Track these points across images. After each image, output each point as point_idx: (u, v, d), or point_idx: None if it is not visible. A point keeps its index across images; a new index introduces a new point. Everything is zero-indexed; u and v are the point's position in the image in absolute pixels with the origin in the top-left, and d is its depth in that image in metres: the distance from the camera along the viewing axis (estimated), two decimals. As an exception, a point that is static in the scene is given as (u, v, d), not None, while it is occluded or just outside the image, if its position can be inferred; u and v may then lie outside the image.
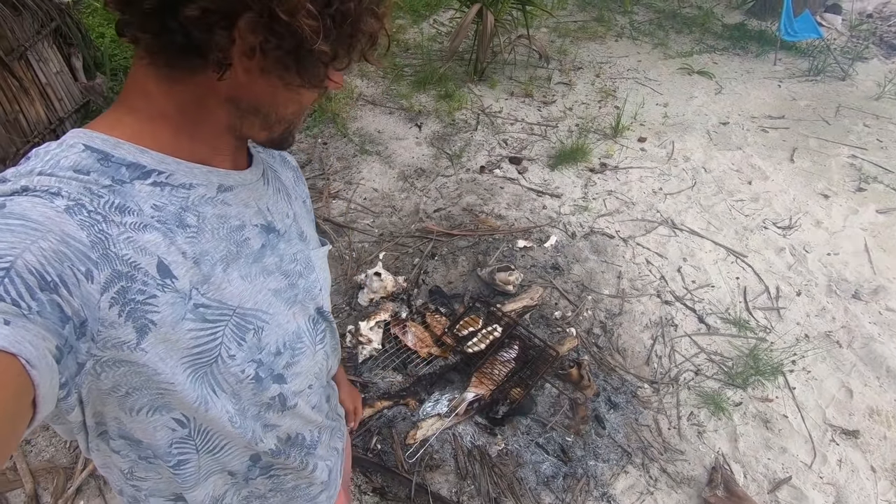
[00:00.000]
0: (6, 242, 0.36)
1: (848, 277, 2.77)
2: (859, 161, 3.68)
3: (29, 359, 0.34)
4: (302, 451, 0.70)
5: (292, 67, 0.47)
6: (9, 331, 0.34)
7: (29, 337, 0.35)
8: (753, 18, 5.78)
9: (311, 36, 0.44)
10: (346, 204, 2.96)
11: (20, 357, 0.33)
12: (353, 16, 0.47)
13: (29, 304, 0.36)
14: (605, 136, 3.74)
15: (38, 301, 0.37)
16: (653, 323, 2.46)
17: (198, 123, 0.52)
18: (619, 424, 2.02)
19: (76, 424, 0.52)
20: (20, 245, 0.37)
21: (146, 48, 0.47)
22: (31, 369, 0.34)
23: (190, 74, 0.48)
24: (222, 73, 0.47)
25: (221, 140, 0.55)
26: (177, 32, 0.44)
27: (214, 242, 0.53)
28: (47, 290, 0.37)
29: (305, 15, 0.43)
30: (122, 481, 0.61)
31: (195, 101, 0.50)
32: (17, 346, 0.34)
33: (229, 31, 0.43)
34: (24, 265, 0.36)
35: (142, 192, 0.48)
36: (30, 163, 0.45)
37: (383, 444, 1.86)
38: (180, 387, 0.50)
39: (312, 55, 0.46)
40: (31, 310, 0.36)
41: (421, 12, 5.20)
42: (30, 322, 0.36)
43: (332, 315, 0.78)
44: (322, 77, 0.50)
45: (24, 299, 0.36)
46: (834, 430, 2.09)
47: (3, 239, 0.37)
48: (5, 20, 2.67)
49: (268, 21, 0.43)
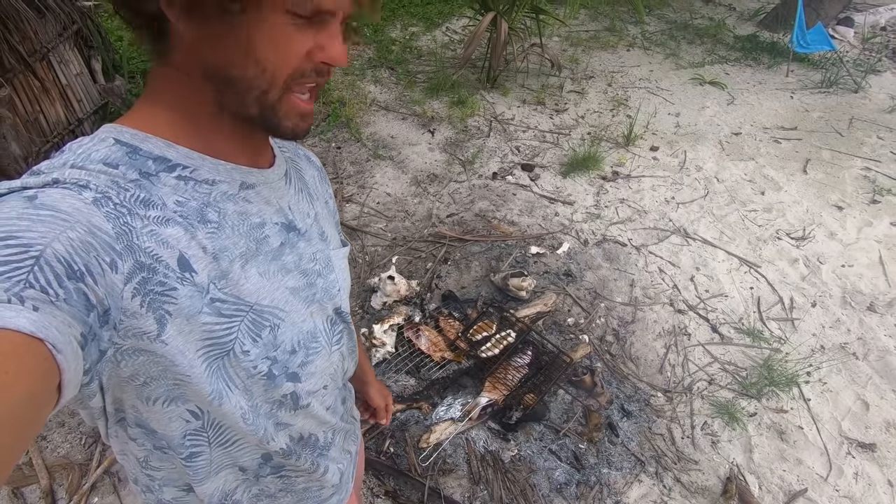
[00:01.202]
0: (37, 232, 0.38)
1: (863, 289, 2.75)
2: (873, 173, 3.66)
3: (55, 344, 0.35)
4: (314, 452, 0.70)
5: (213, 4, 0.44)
6: (37, 316, 0.35)
7: (56, 323, 0.36)
8: (765, 30, 5.79)
9: None
10: (359, 208, 2.98)
11: (47, 342, 0.34)
12: None
13: (57, 291, 0.37)
14: (617, 145, 3.75)
15: (66, 289, 0.38)
16: (666, 332, 2.45)
17: (197, 111, 0.52)
18: (632, 432, 2.01)
19: (97, 410, 0.53)
20: (50, 235, 0.38)
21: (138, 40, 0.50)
22: (58, 354, 0.35)
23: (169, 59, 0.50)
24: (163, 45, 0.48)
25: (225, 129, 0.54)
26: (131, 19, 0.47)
27: (234, 239, 0.53)
28: (74, 278, 0.39)
29: None
30: (138, 469, 0.62)
31: (187, 86, 0.51)
32: (45, 331, 0.34)
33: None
34: (53, 254, 0.37)
35: (166, 186, 0.49)
36: (63, 156, 0.46)
37: (396, 447, 1.85)
38: (196, 379, 0.51)
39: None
40: (58, 297, 0.37)
41: (434, 20, 5.25)
42: (57, 309, 0.37)
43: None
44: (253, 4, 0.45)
45: (52, 287, 0.37)
46: (850, 443, 2.07)
47: (34, 229, 0.38)
48: (29, 22, 2.72)
49: None
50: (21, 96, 2.72)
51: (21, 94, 2.72)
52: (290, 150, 0.69)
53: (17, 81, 2.67)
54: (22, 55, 2.64)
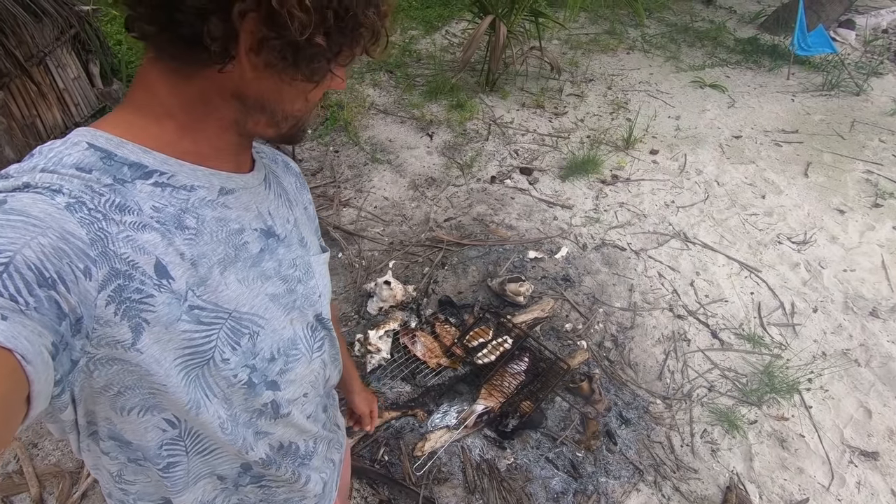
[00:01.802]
0: (6, 238, 0.36)
1: (865, 294, 2.72)
2: (875, 177, 3.64)
3: (25, 354, 0.34)
4: (295, 461, 0.69)
5: (291, 61, 0.47)
6: (6, 326, 0.34)
7: (25, 333, 0.35)
8: (766, 33, 5.77)
9: (300, 28, 0.44)
10: (356, 212, 2.96)
11: (16, 353, 0.33)
12: (354, 10, 0.47)
13: (27, 299, 0.36)
14: (616, 148, 3.73)
15: (36, 297, 0.37)
16: (665, 337, 2.42)
17: (202, 121, 0.51)
18: (630, 440, 1.98)
19: (68, 423, 0.52)
20: (20, 241, 0.37)
21: (154, 43, 0.48)
22: (27, 365, 0.34)
23: (196, 70, 0.48)
24: (223, 66, 0.47)
25: (224, 140, 0.54)
26: (182, 24, 0.44)
27: (213, 245, 0.52)
28: (45, 286, 0.37)
29: (296, 7, 0.43)
30: (111, 484, 0.61)
31: (201, 97, 0.50)
32: (14, 341, 0.33)
33: (226, 22, 0.44)
34: (23, 261, 0.36)
35: (142, 192, 0.48)
36: (33, 160, 0.45)
37: (391, 455, 1.83)
38: (173, 388, 0.49)
39: (310, 49, 0.47)
40: (28, 306, 0.36)
41: (433, 23, 5.25)
42: (27, 318, 0.36)
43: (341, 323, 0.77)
44: (324, 72, 0.50)
45: (21, 295, 0.36)
46: (852, 452, 2.03)
47: (2, 235, 0.37)
48: (26, 26, 2.71)
49: (266, 13, 0.43)
50: (17, 100, 2.72)
51: (17, 98, 2.71)
52: (268, 156, 0.68)
53: (14, 86, 2.67)
54: (19, 60, 2.63)
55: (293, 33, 0.44)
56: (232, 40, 0.45)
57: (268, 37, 0.45)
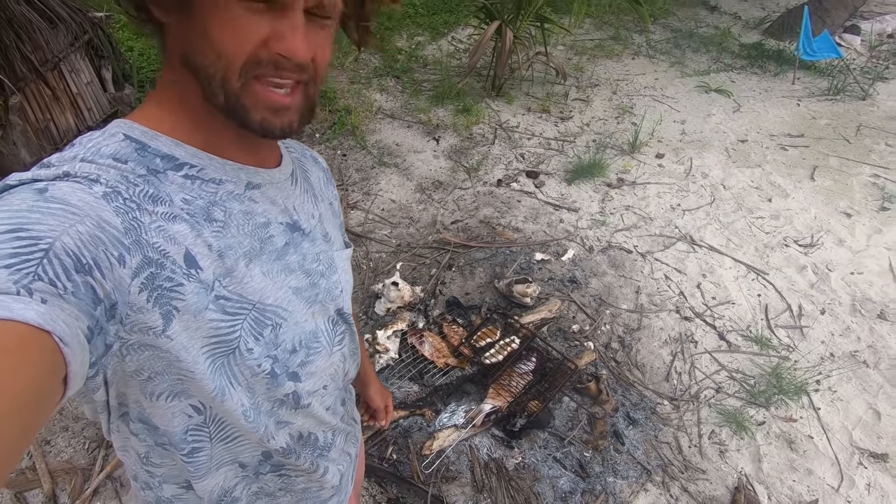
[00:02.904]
0: (46, 225, 0.38)
1: (873, 297, 2.72)
2: (882, 180, 3.63)
3: (62, 337, 0.35)
4: (314, 451, 0.70)
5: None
6: (45, 309, 0.35)
7: (63, 316, 0.36)
8: (771, 38, 5.79)
9: None
10: (364, 214, 2.99)
11: (54, 335, 0.35)
12: None
13: (65, 284, 0.37)
14: (622, 152, 3.74)
15: (74, 282, 0.38)
16: (672, 339, 2.42)
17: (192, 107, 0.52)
18: (638, 441, 1.98)
19: (100, 404, 0.53)
20: (59, 228, 0.38)
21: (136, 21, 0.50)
22: (64, 347, 0.35)
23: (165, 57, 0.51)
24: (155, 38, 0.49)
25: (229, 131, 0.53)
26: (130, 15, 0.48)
27: (239, 238, 0.54)
28: (82, 272, 0.39)
29: None
30: (138, 465, 0.62)
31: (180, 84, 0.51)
32: (52, 324, 0.35)
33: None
34: (62, 247, 0.38)
35: (174, 184, 0.50)
36: (73, 149, 0.47)
37: (399, 454, 1.84)
38: (200, 375, 0.51)
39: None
40: (66, 290, 0.37)
41: (440, 30, 5.29)
42: (65, 302, 0.37)
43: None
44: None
45: (60, 280, 0.37)
46: (861, 453, 2.02)
47: (43, 222, 0.38)
48: (41, 32, 2.77)
49: None
50: (32, 104, 2.77)
51: (32, 102, 2.76)
52: (297, 151, 0.70)
53: (29, 90, 2.72)
54: (34, 64, 2.69)
55: None
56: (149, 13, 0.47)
57: None
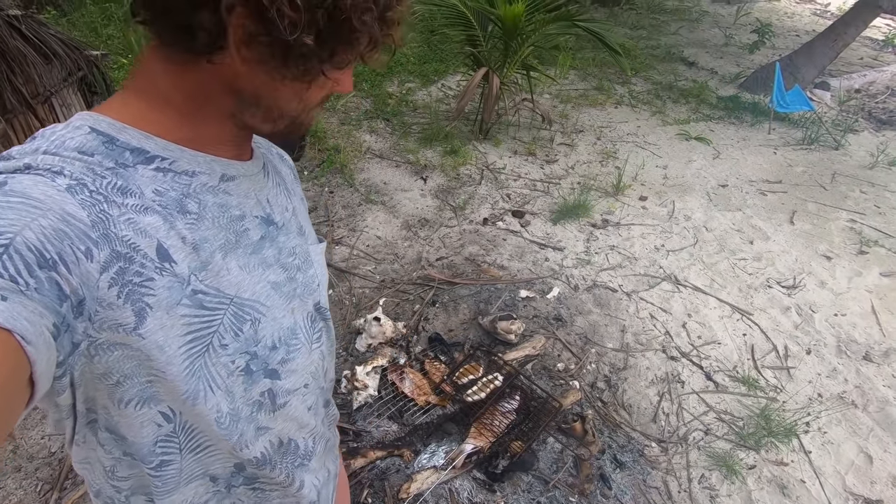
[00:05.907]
0: (6, 220, 0.37)
1: (857, 338, 2.71)
2: (859, 225, 3.72)
3: (25, 335, 0.34)
4: (294, 460, 0.67)
5: (280, 59, 0.46)
6: (5, 307, 0.34)
7: (25, 313, 0.35)
8: (746, 92, 6.06)
9: (289, 26, 0.43)
10: (348, 250, 2.97)
11: (16, 333, 0.34)
12: (348, 14, 0.45)
13: (27, 280, 0.36)
14: (606, 194, 3.81)
15: (37, 278, 0.37)
16: (659, 379, 2.38)
17: (201, 110, 0.52)
18: (626, 485, 1.90)
19: (66, 409, 0.50)
20: (20, 222, 0.37)
21: (154, 29, 0.48)
22: (27, 345, 0.34)
23: (193, 59, 0.48)
24: (211, 57, 0.47)
25: (225, 130, 0.54)
26: (174, 12, 0.45)
27: (214, 230, 0.52)
28: (46, 267, 0.38)
29: (286, 4, 0.42)
30: (103, 479, 0.58)
31: (199, 86, 0.50)
32: (13, 321, 0.34)
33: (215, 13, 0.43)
34: (23, 242, 0.37)
35: (144, 177, 0.48)
36: (35, 142, 0.45)
37: (374, 497, 1.74)
38: (172, 376, 0.49)
39: (300, 49, 0.45)
40: (28, 286, 0.36)
41: (430, 77, 5.48)
42: (27, 299, 0.36)
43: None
44: (315, 73, 0.49)
45: (21, 276, 0.36)
46: (855, 499, 1.96)
47: (3, 216, 0.37)
48: (35, 66, 2.81)
49: (255, 9, 0.43)
50: (19, 135, 2.77)
51: (20, 133, 2.77)
52: (263, 146, 0.69)
53: (17, 121, 2.73)
54: (25, 97, 2.71)
55: (282, 31, 0.43)
56: (221, 33, 0.44)
57: (256, 33, 0.44)
